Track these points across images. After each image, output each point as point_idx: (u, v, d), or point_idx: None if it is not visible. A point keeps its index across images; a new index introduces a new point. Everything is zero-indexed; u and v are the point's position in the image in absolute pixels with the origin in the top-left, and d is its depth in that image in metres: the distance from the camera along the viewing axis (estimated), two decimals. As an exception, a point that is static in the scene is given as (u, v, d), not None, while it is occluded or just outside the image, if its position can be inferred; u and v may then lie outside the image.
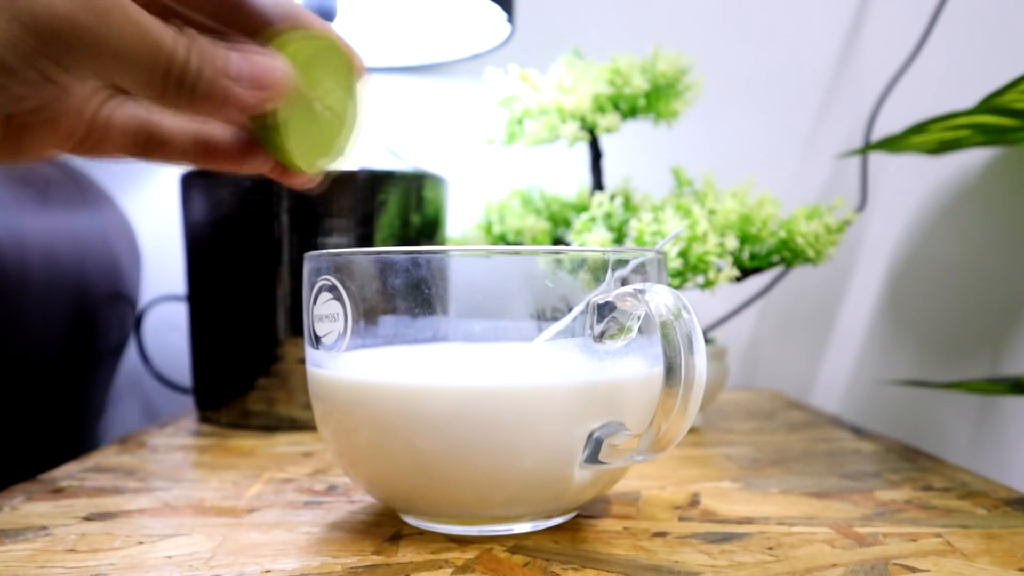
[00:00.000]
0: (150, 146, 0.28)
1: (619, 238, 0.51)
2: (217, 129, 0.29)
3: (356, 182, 0.52)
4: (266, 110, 0.25)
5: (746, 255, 0.52)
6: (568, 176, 0.71)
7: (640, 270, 0.30)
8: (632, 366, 0.30)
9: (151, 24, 0.23)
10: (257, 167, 0.28)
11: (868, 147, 0.63)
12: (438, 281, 0.29)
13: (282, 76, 0.25)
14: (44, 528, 0.32)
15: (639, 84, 0.53)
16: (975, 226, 0.72)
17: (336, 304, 0.30)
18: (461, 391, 0.28)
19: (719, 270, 0.49)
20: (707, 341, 0.54)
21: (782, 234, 0.50)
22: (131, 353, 0.75)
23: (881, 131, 0.70)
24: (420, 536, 0.31)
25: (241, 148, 0.29)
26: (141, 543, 0.30)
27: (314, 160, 0.27)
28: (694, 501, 0.36)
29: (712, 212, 0.51)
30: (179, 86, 0.23)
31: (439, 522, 0.31)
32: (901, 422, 0.74)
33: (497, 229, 0.57)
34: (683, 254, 0.48)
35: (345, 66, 0.27)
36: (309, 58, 0.26)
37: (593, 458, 0.29)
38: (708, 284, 0.48)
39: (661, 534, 0.31)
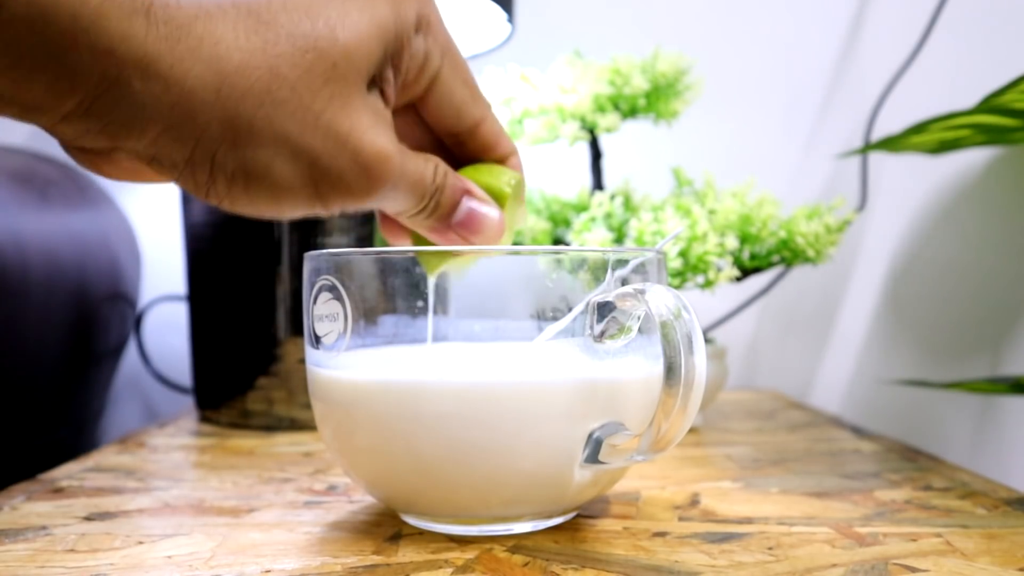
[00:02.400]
0: None
1: (619, 238, 0.51)
2: None
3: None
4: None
5: (746, 255, 0.52)
6: (568, 176, 0.71)
7: (640, 270, 0.30)
8: (632, 366, 0.30)
9: (423, 177, 0.26)
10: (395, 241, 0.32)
11: (868, 147, 0.63)
12: (439, 281, 0.29)
13: (494, 230, 0.29)
14: (44, 528, 0.32)
15: (639, 84, 0.53)
16: (975, 226, 0.72)
17: (336, 304, 0.30)
18: (461, 390, 0.28)
19: (719, 270, 0.49)
20: (707, 341, 0.54)
21: (782, 234, 0.50)
22: (131, 353, 0.75)
23: (881, 131, 0.70)
24: (420, 536, 0.31)
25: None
26: (141, 543, 0.30)
27: (460, 268, 0.31)
28: (694, 501, 0.36)
29: (712, 212, 0.51)
30: (414, 216, 0.28)
31: (439, 522, 0.31)
32: (901, 422, 0.74)
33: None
34: (683, 254, 0.48)
35: (524, 195, 0.31)
36: (515, 195, 0.30)
37: (593, 458, 0.29)
38: (708, 284, 0.48)
39: (661, 534, 0.31)
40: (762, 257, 0.52)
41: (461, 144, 0.30)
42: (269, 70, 0.22)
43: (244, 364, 0.54)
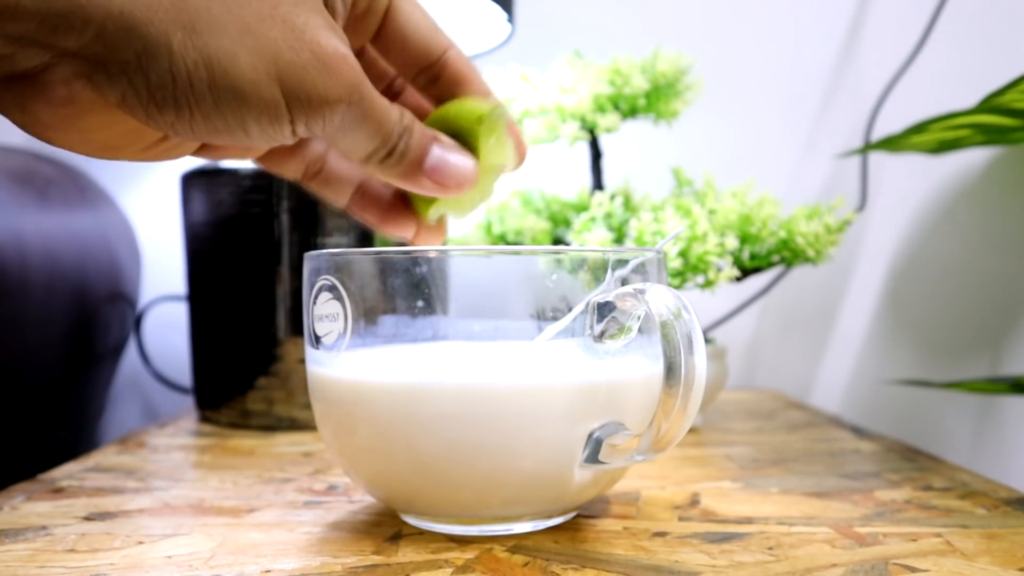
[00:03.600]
0: (318, 179, 0.31)
1: (619, 238, 0.51)
2: (379, 183, 0.31)
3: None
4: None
5: (746, 255, 0.52)
6: (568, 176, 0.71)
7: (640, 270, 0.30)
8: (632, 366, 0.30)
9: (388, 112, 0.25)
10: (399, 228, 0.31)
11: (868, 147, 0.63)
12: (438, 281, 0.29)
13: (466, 178, 0.27)
14: (44, 528, 0.32)
15: (639, 84, 0.53)
16: (975, 226, 0.72)
17: (336, 304, 0.30)
18: (461, 391, 0.28)
19: (719, 270, 0.49)
20: (707, 341, 0.54)
21: (782, 234, 0.50)
22: (131, 353, 0.75)
23: (881, 131, 0.70)
24: (420, 536, 0.31)
25: (391, 205, 0.31)
26: (141, 543, 0.30)
27: (459, 212, 0.30)
28: (694, 501, 0.36)
29: (712, 212, 0.51)
30: (383, 160, 0.26)
31: (439, 522, 0.31)
32: (901, 422, 0.74)
33: (497, 229, 0.57)
34: (683, 254, 0.48)
35: (503, 126, 0.29)
36: (488, 130, 0.28)
37: (593, 458, 0.29)
38: (708, 284, 0.48)
39: (661, 534, 0.31)
40: (762, 257, 0.52)
41: (432, 82, 0.29)
42: None
43: (244, 364, 0.54)
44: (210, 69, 0.21)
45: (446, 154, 0.27)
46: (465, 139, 0.28)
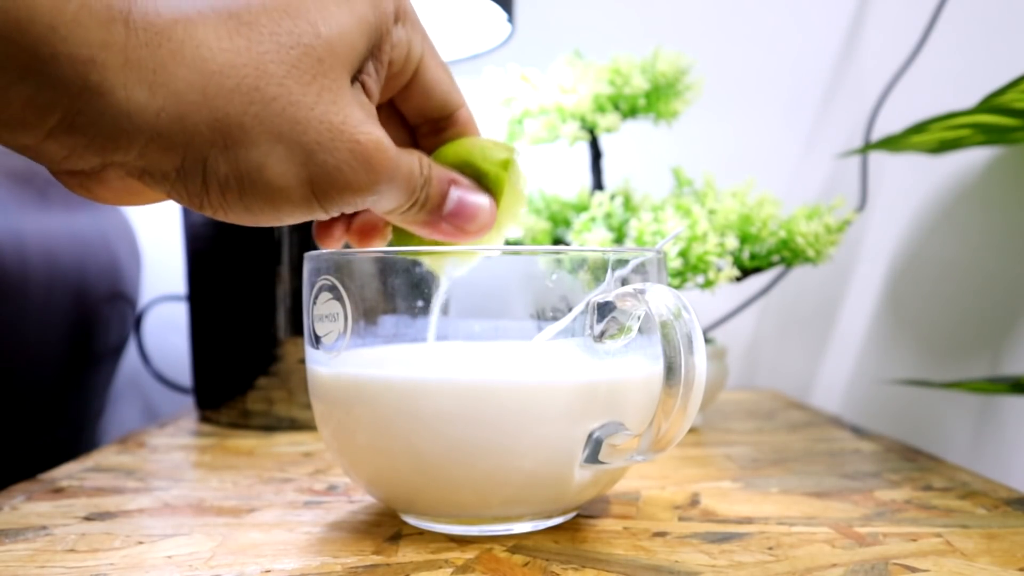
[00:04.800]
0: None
1: (619, 238, 0.51)
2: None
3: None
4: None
5: (746, 255, 0.52)
6: (568, 176, 0.71)
7: (640, 270, 0.30)
8: (632, 366, 0.30)
9: (412, 173, 0.26)
10: (363, 244, 0.31)
11: (868, 147, 0.63)
12: (438, 281, 0.29)
13: (486, 219, 0.28)
14: (44, 528, 0.32)
15: (639, 84, 0.53)
16: (975, 226, 0.72)
17: (336, 304, 0.30)
18: (461, 390, 0.28)
19: (719, 270, 0.49)
20: (707, 341, 0.54)
21: (782, 234, 0.50)
22: (131, 353, 0.75)
23: (881, 131, 0.70)
24: (420, 536, 0.31)
25: (369, 226, 0.31)
26: (141, 543, 0.30)
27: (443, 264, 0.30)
28: (694, 501, 0.36)
29: (712, 212, 0.51)
30: (404, 213, 0.27)
31: (439, 522, 0.31)
32: (901, 422, 0.74)
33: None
34: (683, 254, 0.48)
35: (520, 173, 0.30)
36: (512, 174, 0.29)
37: (593, 458, 0.29)
38: (708, 284, 0.48)
39: (661, 534, 0.31)
40: (762, 257, 0.52)
41: (437, 133, 0.30)
42: (255, 68, 0.22)
43: (244, 364, 0.54)
44: (240, 182, 0.23)
45: (465, 196, 0.28)
46: (486, 182, 0.28)
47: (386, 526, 0.32)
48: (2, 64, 0.19)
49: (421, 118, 0.30)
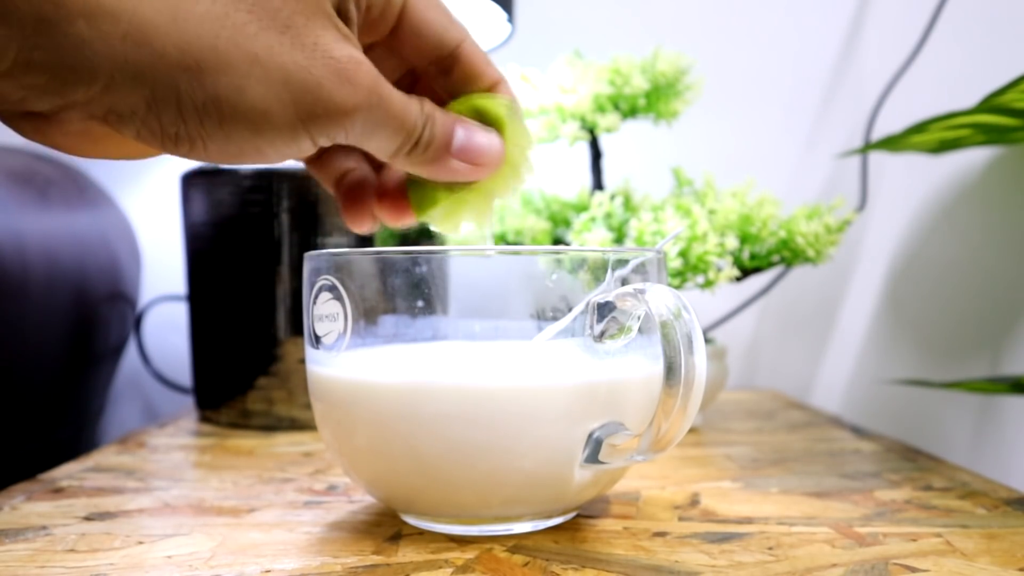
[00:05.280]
0: (319, 159, 0.30)
1: (619, 238, 0.51)
2: (370, 172, 0.31)
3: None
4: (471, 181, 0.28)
5: (746, 255, 0.52)
6: (568, 176, 0.71)
7: (640, 270, 0.30)
8: (632, 366, 0.30)
9: (407, 108, 0.25)
10: (394, 219, 0.30)
11: (868, 147, 0.63)
12: (438, 281, 0.29)
13: (495, 153, 0.27)
14: (44, 528, 0.32)
15: (639, 84, 0.53)
16: (975, 226, 0.72)
17: (336, 304, 0.30)
18: (461, 390, 0.28)
19: (719, 270, 0.49)
20: (707, 341, 0.54)
21: (782, 234, 0.50)
22: (131, 353, 0.75)
23: (881, 131, 0.70)
24: (420, 536, 0.31)
25: (387, 193, 0.30)
26: (141, 543, 0.30)
27: (480, 209, 0.29)
28: (694, 501, 0.36)
29: (712, 212, 0.51)
30: (410, 153, 0.26)
31: (439, 522, 0.31)
32: (901, 422, 0.74)
33: (497, 229, 0.57)
34: (683, 254, 0.48)
35: (522, 120, 0.29)
36: (513, 114, 0.28)
37: (593, 458, 0.29)
38: (708, 284, 0.48)
39: (661, 534, 0.31)
40: (762, 257, 0.52)
41: (445, 73, 0.29)
42: None
43: (244, 364, 0.54)
44: (218, 106, 0.22)
45: (472, 133, 0.27)
46: (488, 121, 0.28)
47: (386, 526, 0.32)
48: None
49: (422, 60, 0.29)
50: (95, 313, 0.59)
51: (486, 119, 0.28)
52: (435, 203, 0.29)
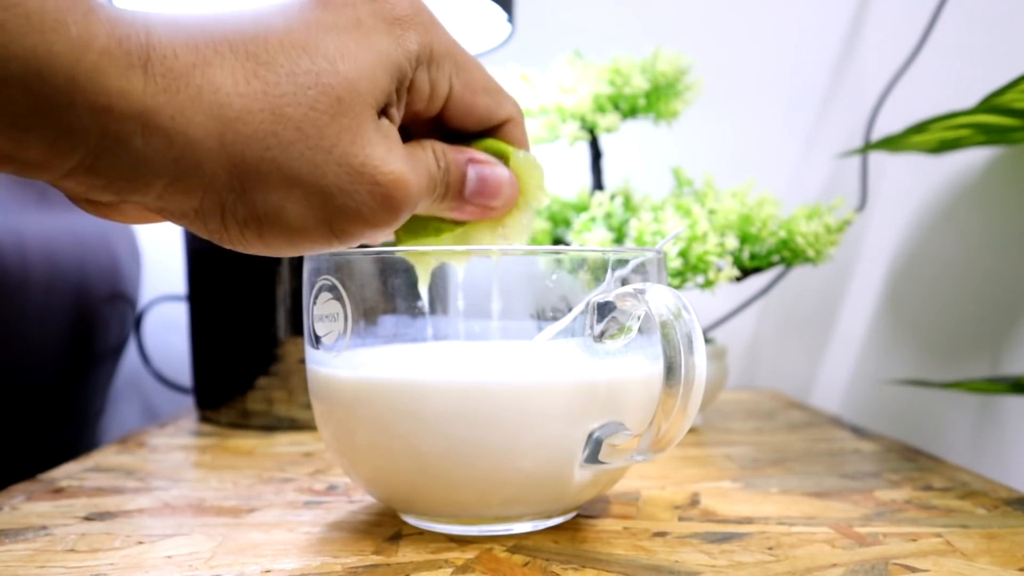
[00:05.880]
0: None
1: (619, 238, 0.51)
2: None
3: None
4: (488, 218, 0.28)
5: (746, 255, 0.52)
6: (568, 176, 0.71)
7: (640, 270, 0.30)
8: (632, 366, 0.30)
9: (431, 179, 0.26)
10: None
11: (868, 147, 0.63)
12: (438, 281, 0.29)
13: (509, 190, 0.28)
14: (44, 528, 0.32)
15: (639, 84, 0.53)
16: (975, 226, 0.72)
17: (336, 304, 0.30)
18: (461, 390, 0.28)
19: (719, 270, 0.49)
20: (707, 341, 0.54)
21: (782, 234, 0.50)
22: (131, 353, 0.75)
23: (881, 131, 0.70)
24: (420, 536, 0.31)
25: None
26: (141, 543, 0.30)
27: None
28: (694, 501, 0.36)
29: (712, 212, 0.51)
30: (431, 205, 0.27)
31: (439, 522, 0.31)
32: (901, 422, 0.74)
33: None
34: (683, 254, 0.48)
35: (541, 172, 0.29)
36: (515, 156, 0.28)
37: (593, 458, 0.29)
38: (708, 284, 0.48)
39: (661, 534, 0.31)
40: (762, 257, 0.52)
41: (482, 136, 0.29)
42: (272, 112, 0.22)
43: (244, 364, 0.54)
44: (259, 222, 0.23)
45: (484, 169, 0.27)
46: (499, 155, 0.28)
47: (386, 526, 0.32)
48: (22, 112, 0.19)
49: (461, 131, 0.29)
50: (95, 313, 0.59)
51: (494, 151, 0.28)
52: (439, 233, 0.29)
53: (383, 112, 0.24)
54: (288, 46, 0.22)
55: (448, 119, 0.28)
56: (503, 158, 0.28)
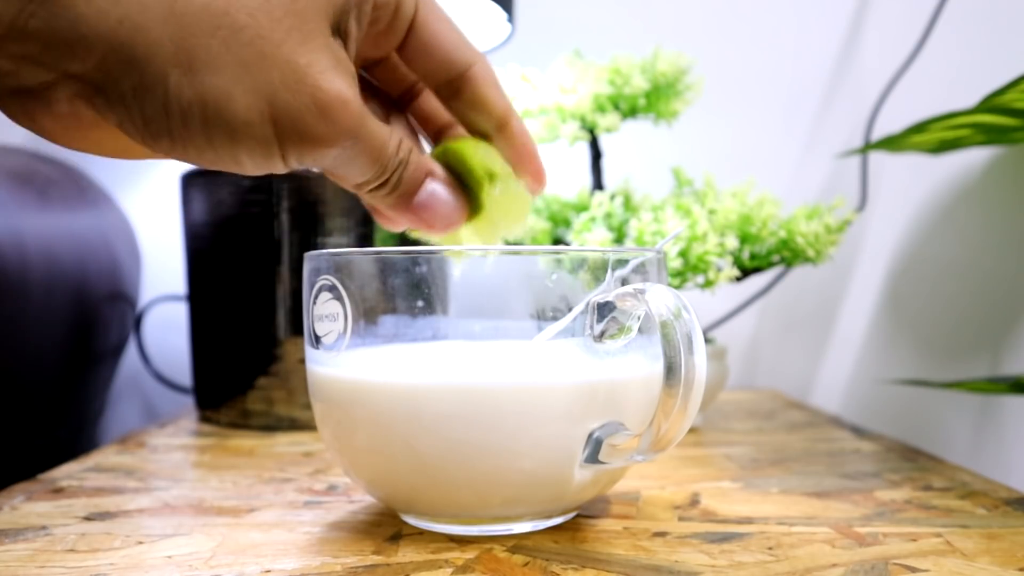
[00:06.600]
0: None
1: (619, 238, 0.51)
2: None
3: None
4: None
5: (746, 255, 0.52)
6: (568, 176, 0.71)
7: (640, 270, 0.30)
8: (632, 366, 0.30)
9: (384, 147, 0.25)
10: (387, 224, 0.30)
11: (868, 147, 0.63)
12: (438, 281, 0.29)
13: (451, 221, 0.27)
14: (44, 528, 0.32)
15: (639, 84, 0.53)
16: (975, 226, 0.72)
17: (336, 304, 0.30)
18: (461, 390, 0.28)
19: (719, 270, 0.49)
20: (707, 341, 0.54)
21: (782, 234, 0.50)
22: (131, 353, 0.75)
23: (881, 131, 0.70)
24: (420, 536, 0.31)
25: None
26: (141, 543, 0.30)
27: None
28: (694, 501, 0.36)
29: (712, 212, 0.51)
30: (374, 190, 0.26)
31: (439, 522, 0.31)
32: (901, 422, 0.74)
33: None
34: (683, 254, 0.48)
35: (517, 186, 0.29)
36: (496, 183, 0.28)
37: (593, 458, 0.29)
38: (708, 284, 0.48)
39: (661, 534, 0.31)
40: (762, 257, 0.52)
41: (454, 96, 0.28)
42: None
43: (244, 364, 0.54)
44: (203, 107, 0.21)
45: (436, 194, 0.27)
46: (469, 180, 0.28)
47: (386, 526, 0.32)
48: None
49: (431, 80, 0.28)
50: (95, 313, 0.59)
51: (470, 177, 0.28)
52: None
53: (340, 28, 0.24)
54: None
55: (413, 52, 0.27)
56: (483, 181, 0.28)
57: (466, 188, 0.28)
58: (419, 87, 0.30)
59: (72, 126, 0.23)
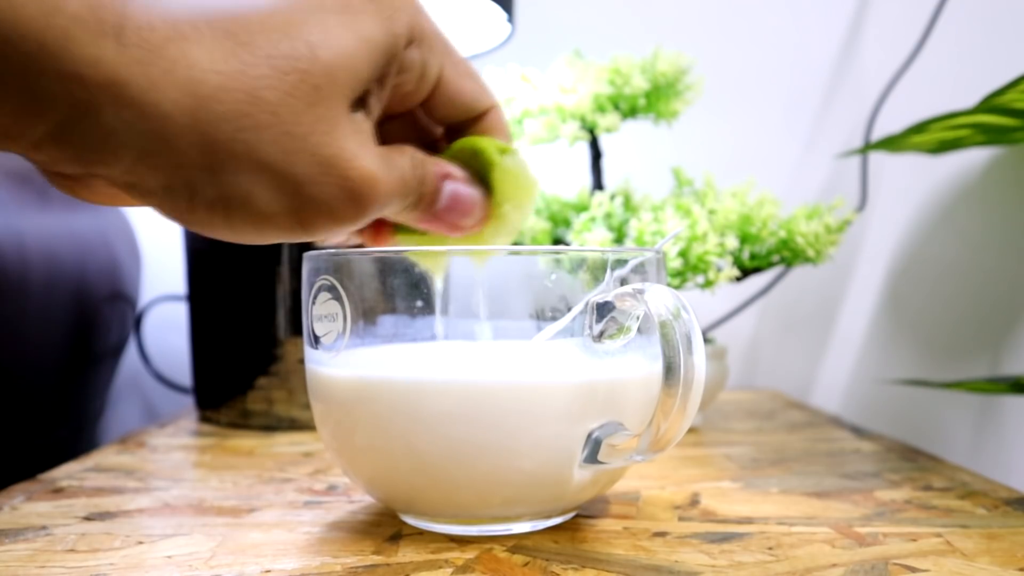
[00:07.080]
0: None
1: (619, 238, 0.51)
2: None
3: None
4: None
5: (746, 255, 0.52)
6: (568, 176, 0.71)
7: (639, 270, 0.30)
8: (631, 366, 0.30)
9: (404, 184, 0.25)
10: (376, 241, 0.30)
11: (868, 147, 0.63)
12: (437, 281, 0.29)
13: (474, 219, 0.28)
14: (44, 528, 0.32)
15: (639, 84, 0.53)
16: (975, 226, 0.72)
17: (335, 304, 0.30)
18: (460, 390, 0.28)
19: (719, 270, 0.49)
20: (707, 341, 0.54)
21: (782, 234, 0.50)
22: (131, 353, 0.75)
23: (881, 131, 0.70)
24: (420, 536, 0.31)
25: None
26: (141, 543, 0.30)
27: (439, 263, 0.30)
28: (694, 501, 0.36)
29: (712, 212, 0.51)
30: (398, 213, 0.26)
31: (439, 522, 0.31)
32: (901, 422, 0.74)
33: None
34: (683, 254, 0.48)
35: (525, 168, 0.29)
36: (507, 167, 0.28)
37: (592, 458, 0.29)
38: (708, 284, 0.48)
39: (661, 534, 0.31)
40: (762, 257, 0.52)
41: (464, 129, 0.29)
42: (248, 93, 0.21)
43: (244, 364, 0.54)
44: (227, 204, 0.22)
45: (459, 187, 0.27)
46: (479, 164, 0.28)
47: (386, 526, 0.32)
48: None
49: (445, 123, 0.29)
50: (95, 313, 0.59)
51: (481, 156, 0.28)
52: (419, 240, 0.29)
53: (361, 101, 0.24)
54: (269, 27, 0.21)
55: (435, 105, 0.27)
56: (488, 163, 0.28)
57: (481, 178, 0.28)
58: None
59: (110, 199, 0.24)
